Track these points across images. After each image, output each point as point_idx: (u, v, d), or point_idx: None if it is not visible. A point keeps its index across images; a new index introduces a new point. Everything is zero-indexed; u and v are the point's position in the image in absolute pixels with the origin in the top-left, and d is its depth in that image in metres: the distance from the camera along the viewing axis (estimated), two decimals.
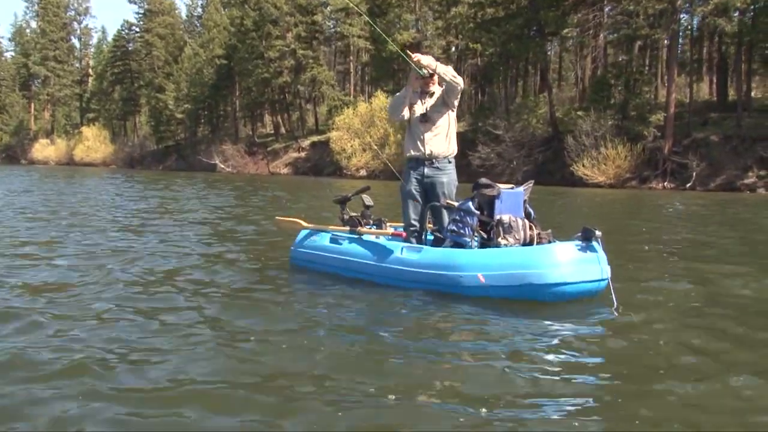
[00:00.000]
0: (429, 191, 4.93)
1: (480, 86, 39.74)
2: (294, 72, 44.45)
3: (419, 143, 4.92)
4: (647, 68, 34.55)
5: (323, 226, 5.62)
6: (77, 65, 72.51)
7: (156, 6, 61.72)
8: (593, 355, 3.26)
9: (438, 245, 4.80)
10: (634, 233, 9.26)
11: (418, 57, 4.75)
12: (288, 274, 5.33)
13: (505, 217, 4.51)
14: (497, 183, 4.70)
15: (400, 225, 5.23)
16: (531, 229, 4.53)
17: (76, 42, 72.87)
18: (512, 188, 4.73)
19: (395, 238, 5.12)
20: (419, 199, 4.95)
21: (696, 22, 31.34)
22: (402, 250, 4.72)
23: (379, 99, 35.47)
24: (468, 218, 4.58)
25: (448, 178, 4.92)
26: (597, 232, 4.23)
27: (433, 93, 4.95)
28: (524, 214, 4.65)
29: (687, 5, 27.28)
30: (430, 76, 4.86)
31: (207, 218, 10.46)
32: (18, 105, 72.50)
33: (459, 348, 3.35)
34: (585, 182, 26.04)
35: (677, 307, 4.23)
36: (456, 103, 4.95)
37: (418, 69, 4.78)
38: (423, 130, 4.90)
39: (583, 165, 26.43)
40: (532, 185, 4.98)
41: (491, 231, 4.55)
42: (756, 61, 28.20)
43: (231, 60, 48.41)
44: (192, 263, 5.75)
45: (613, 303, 4.09)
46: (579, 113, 29.61)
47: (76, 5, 71.47)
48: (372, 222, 5.38)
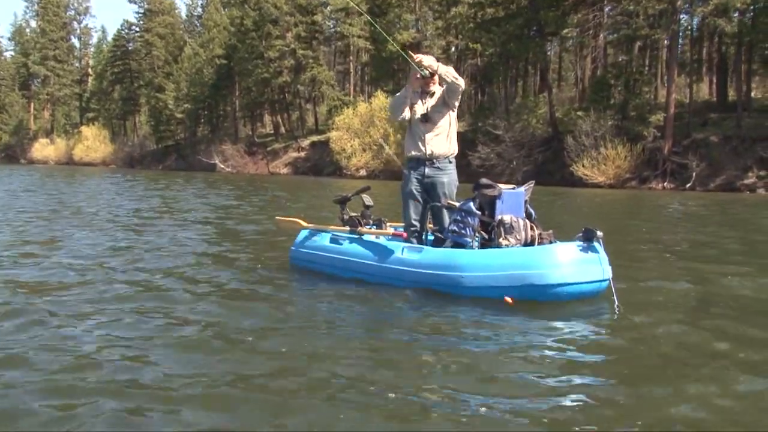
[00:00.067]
0: (430, 191, 4.93)
1: (480, 86, 39.72)
2: (294, 72, 44.44)
3: (420, 143, 4.92)
4: (647, 68, 34.55)
5: (323, 226, 5.62)
6: (77, 65, 72.47)
7: (156, 6, 61.70)
8: (593, 355, 3.26)
9: (439, 245, 4.80)
10: (634, 233, 9.27)
11: (420, 57, 4.76)
12: (288, 274, 5.33)
13: (507, 218, 4.50)
14: (497, 183, 4.70)
15: (400, 225, 5.23)
16: (532, 230, 4.53)
17: (76, 41, 73.02)
18: (513, 188, 4.73)
19: (396, 239, 5.11)
20: (420, 199, 4.95)
21: (696, 23, 31.37)
22: (402, 251, 4.71)
23: (379, 99, 35.45)
24: (469, 218, 4.58)
25: (449, 178, 4.92)
26: (598, 233, 4.23)
27: (434, 93, 4.95)
28: (525, 215, 4.65)
29: (687, 5, 27.27)
30: (431, 76, 4.86)
31: (207, 218, 10.47)
32: (18, 104, 72.44)
33: (459, 348, 3.35)
34: (585, 182, 26.03)
35: (677, 307, 4.24)
36: (457, 104, 4.95)
37: (420, 69, 4.79)
38: (424, 130, 4.90)
39: (583, 165, 26.43)
40: (533, 185, 4.98)
41: (492, 231, 4.55)
42: (756, 62, 28.19)
43: (231, 60, 48.39)
44: (192, 263, 5.75)
45: (614, 303, 4.09)
46: (579, 113, 29.61)
47: (76, 5, 71.50)
48: (372, 222, 5.38)
